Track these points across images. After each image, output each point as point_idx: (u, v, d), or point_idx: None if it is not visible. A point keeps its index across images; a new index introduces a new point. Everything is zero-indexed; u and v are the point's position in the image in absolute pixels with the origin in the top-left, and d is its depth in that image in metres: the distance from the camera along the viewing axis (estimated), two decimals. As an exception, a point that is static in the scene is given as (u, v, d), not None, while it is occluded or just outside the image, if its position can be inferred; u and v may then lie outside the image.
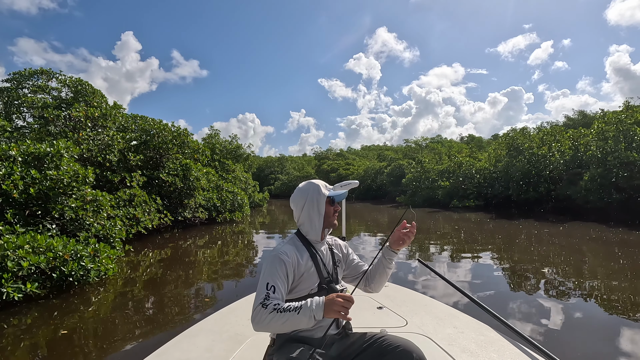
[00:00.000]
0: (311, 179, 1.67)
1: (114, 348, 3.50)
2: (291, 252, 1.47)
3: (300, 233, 1.59)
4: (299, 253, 1.50)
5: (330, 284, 1.54)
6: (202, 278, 6.29)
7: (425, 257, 7.83)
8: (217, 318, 2.51)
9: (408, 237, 1.60)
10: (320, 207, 1.55)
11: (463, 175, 24.59)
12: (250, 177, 25.93)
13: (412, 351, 1.36)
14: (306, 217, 1.56)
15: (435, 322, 2.32)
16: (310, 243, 1.57)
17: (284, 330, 1.34)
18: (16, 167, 6.09)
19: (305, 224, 1.56)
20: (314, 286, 1.50)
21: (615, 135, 15.36)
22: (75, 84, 13.07)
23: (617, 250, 8.25)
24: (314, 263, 1.51)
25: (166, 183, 11.68)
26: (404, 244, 1.63)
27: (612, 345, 3.40)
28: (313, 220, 1.55)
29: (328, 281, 1.54)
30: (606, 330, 3.81)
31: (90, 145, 9.61)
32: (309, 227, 1.55)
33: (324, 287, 1.52)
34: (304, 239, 1.57)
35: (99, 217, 7.22)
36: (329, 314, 1.30)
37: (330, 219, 1.59)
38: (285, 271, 1.41)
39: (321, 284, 1.52)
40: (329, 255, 1.62)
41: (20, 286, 4.37)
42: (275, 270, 1.40)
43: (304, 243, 1.55)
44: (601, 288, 5.29)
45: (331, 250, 1.66)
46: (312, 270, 1.50)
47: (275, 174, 58.89)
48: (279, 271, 1.40)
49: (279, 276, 1.39)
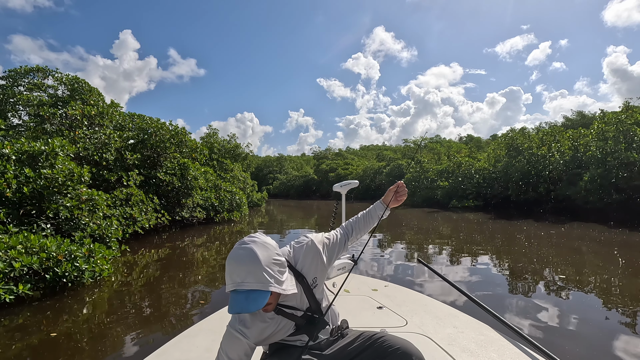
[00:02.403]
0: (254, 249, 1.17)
1: (110, 350, 3.42)
2: (250, 325, 1.32)
3: None
4: (261, 320, 1.34)
5: (310, 323, 1.40)
6: (201, 278, 6.20)
7: (424, 257, 7.77)
8: (217, 318, 2.50)
9: (403, 195, 1.67)
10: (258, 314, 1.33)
11: (462, 176, 24.56)
12: (249, 176, 25.84)
13: (412, 353, 1.32)
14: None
15: (435, 322, 2.31)
16: None
17: None
18: (10, 166, 5.99)
19: None
20: (289, 331, 1.40)
21: (615, 135, 15.33)
22: (71, 82, 12.94)
23: (617, 250, 8.20)
24: (282, 316, 1.37)
25: (163, 182, 11.58)
26: (399, 203, 1.69)
27: (611, 345, 3.37)
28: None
29: (307, 317, 1.40)
30: (606, 330, 3.78)
31: (86, 144, 9.50)
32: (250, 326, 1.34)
33: (304, 326, 1.40)
34: None
35: (95, 216, 7.12)
36: None
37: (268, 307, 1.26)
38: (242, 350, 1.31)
39: (298, 325, 1.40)
40: (300, 288, 1.37)
41: (12, 287, 4.27)
42: (228, 348, 1.31)
43: None
44: (601, 288, 5.25)
45: (300, 278, 1.38)
46: (282, 322, 1.37)
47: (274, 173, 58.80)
48: (231, 348, 1.31)
49: (233, 354, 1.30)
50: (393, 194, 1.67)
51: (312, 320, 1.40)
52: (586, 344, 3.42)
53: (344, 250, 1.57)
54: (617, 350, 3.26)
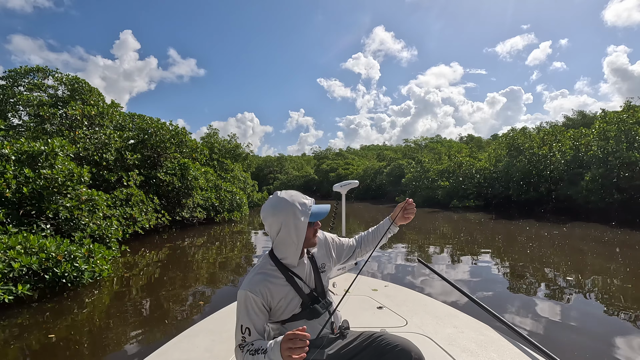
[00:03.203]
0: (284, 194, 1.43)
1: (109, 350, 3.41)
2: (261, 286, 1.35)
3: (274, 256, 1.44)
4: (271, 283, 1.38)
5: (314, 304, 1.45)
6: (201, 278, 6.19)
7: (425, 257, 7.75)
8: (217, 318, 2.51)
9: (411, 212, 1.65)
10: (299, 233, 1.39)
11: (463, 175, 24.51)
12: (249, 176, 25.83)
13: (411, 350, 1.34)
14: (281, 241, 1.40)
15: (435, 322, 2.31)
16: (287, 267, 1.43)
17: None
18: (9, 166, 5.98)
19: (281, 250, 1.42)
20: (296, 308, 1.43)
21: (616, 135, 15.27)
22: (71, 82, 12.92)
23: (618, 250, 8.17)
24: (292, 286, 1.41)
25: (164, 182, 11.56)
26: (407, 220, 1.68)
27: (612, 345, 3.35)
28: (290, 247, 1.40)
29: (312, 298, 1.46)
30: (606, 330, 3.76)
31: (86, 144, 9.49)
32: (286, 253, 1.41)
33: (309, 306, 1.44)
34: (279, 263, 1.43)
35: (95, 216, 7.11)
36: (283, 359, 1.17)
37: (311, 241, 1.47)
38: (257, 307, 1.34)
39: (304, 303, 1.44)
40: (309, 266, 1.49)
41: (11, 288, 4.26)
42: (246, 311, 1.33)
43: (278, 267, 1.42)
44: (602, 288, 5.22)
45: (312, 258, 1.52)
46: (291, 294, 1.41)
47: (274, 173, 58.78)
48: (249, 311, 1.33)
49: (251, 315, 1.33)
50: (400, 210, 1.66)
51: (316, 301, 1.45)
52: (587, 345, 3.40)
53: (352, 258, 1.73)
54: (618, 350, 3.24)
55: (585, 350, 3.27)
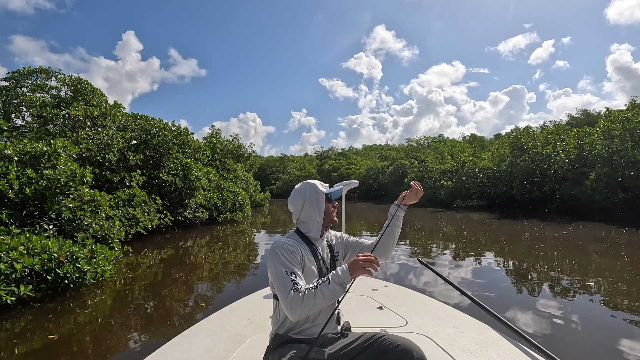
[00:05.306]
0: (307, 180, 1.70)
1: (110, 350, 3.41)
2: (291, 243, 1.50)
3: (299, 231, 1.61)
4: (300, 244, 1.54)
5: None
6: (203, 278, 6.18)
7: (427, 257, 7.71)
8: (217, 318, 2.51)
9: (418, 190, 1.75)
10: (319, 204, 1.59)
11: (466, 175, 24.41)
12: (252, 176, 25.85)
13: (412, 350, 1.35)
14: (306, 215, 1.59)
15: (435, 322, 2.32)
16: (311, 240, 1.59)
17: (322, 306, 1.38)
18: (12, 167, 5.99)
19: (306, 222, 1.60)
20: (312, 279, 1.51)
21: (621, 133, 15.15)
22: (74, 82, 12.97)
23: (623, 250, 8.09)
24: (315, 259, 1.55)
25: (166, 183, 11.58)
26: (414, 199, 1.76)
27: (613, 345, 3.32)
28: (313, 218, 1.58)
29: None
30: (608, 330, 3.72)
31: (89, 145, 9.52)
32: (310, 225, 1.59)
33: None
34: (304, 236, 1.59)
35: (97, 217, 7.12)
36: (355, 273, 1.37)
37: (330, 216, 1.64)
38: (294, 258, 1.45)
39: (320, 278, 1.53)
40: (327, 251, 1.65)
41: (14, 289, 4.26)
42: (285, 259, 1.43)
43: (304, 240, 1.58)
44: (606, 289, 5.17)
45: (329, 246, 1.68)
46: (313, 266, 1.53)
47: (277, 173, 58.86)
48: (289, 259, 1.43)
49: (292, 262, 1.43)
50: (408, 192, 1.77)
51: None
52: (588, 345, 3.37)
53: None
54: (619, 351, 3.20)
55: (586, 350, 3.25)
